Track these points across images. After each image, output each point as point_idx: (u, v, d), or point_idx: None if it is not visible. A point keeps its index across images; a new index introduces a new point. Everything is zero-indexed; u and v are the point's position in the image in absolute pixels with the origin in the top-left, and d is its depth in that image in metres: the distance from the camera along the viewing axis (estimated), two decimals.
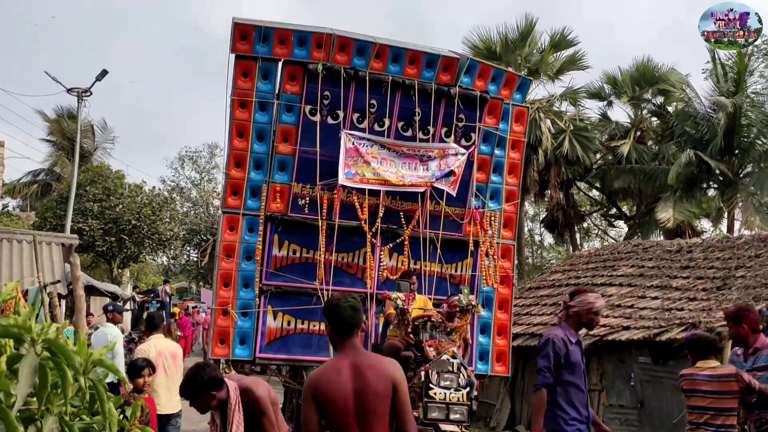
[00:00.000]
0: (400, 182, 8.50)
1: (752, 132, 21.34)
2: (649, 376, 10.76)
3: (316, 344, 8.67)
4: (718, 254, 12.66)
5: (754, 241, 12.71)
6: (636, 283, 12.80)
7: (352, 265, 8.90)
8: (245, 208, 8.57)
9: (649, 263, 13.57)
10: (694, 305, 10.93)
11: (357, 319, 3.64)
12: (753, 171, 21.70)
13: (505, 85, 9.18)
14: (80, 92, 24.90)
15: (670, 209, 20.68)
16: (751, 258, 11.93)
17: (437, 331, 7.09)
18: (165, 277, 41.36)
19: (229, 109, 8.52)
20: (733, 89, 21.38)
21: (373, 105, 8.69)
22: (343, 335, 3.61)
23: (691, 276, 12.19)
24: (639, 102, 24.95)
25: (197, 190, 46.50)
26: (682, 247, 13.79)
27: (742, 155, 21.70)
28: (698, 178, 21.72)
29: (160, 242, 31.74)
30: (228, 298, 8.38)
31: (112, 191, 28.25)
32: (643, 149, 24.21)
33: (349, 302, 3.62)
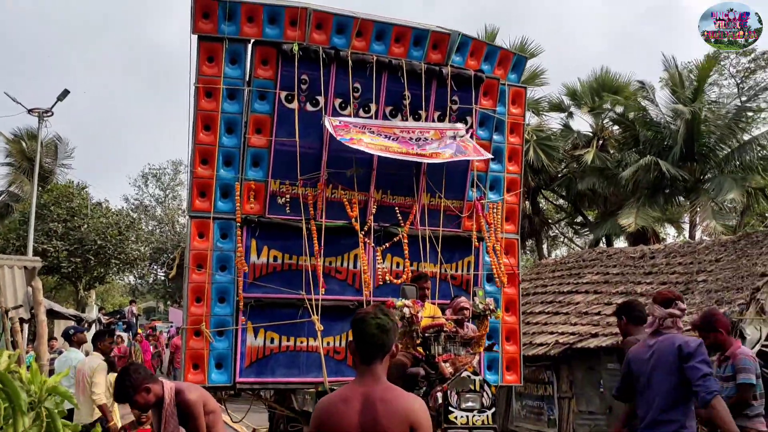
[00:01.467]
0: (403, 149, 7.12)
1: (712, 138, 21.08)
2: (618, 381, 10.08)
3: (304, 363, 7.29)
4: (679, 259, 12.51)
5: (714, 246, 12.57)
6: (602, 290, 12.61)
7: (341, 270, 7.55)
8: (216, 211, 7.18)
9: (614, 270, 13.38)
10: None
11: (383, 342, 2.81)
12: (713, 176, 21.25)
13: (499, 64, 7.97)
14: (41, 112, 23.47)
15: (632, 215, 20.27)
16: (711, 262, 11.77)
17: (452, 342, 5.77)
18: (132, 297, 39.33)
19: (194, 98, 7.14)
20: (691, 97, 21.20)
21: (356, 89, 7.39)
22: (363, 358, 2.84)
23: (655, 282, 12.01)
24: (599, 111, 24.56)
25: (162, 207, 44.44)
26: (645, 253, 13.59)
27: (703, 161, 21.46)
28: (661, 184, 21.34)
29: (126, 262, 30.09)
30: (201, 315, 6.98)
31: (76, 211, 26.66)
32: (606, 157, 23.77)
33: (377, 319, 2.81)
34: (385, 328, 2.79)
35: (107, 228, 27.61)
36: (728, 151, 20.80)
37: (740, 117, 21.31)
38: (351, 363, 7.36)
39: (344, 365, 7.39)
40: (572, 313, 11.94)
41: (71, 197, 27.41)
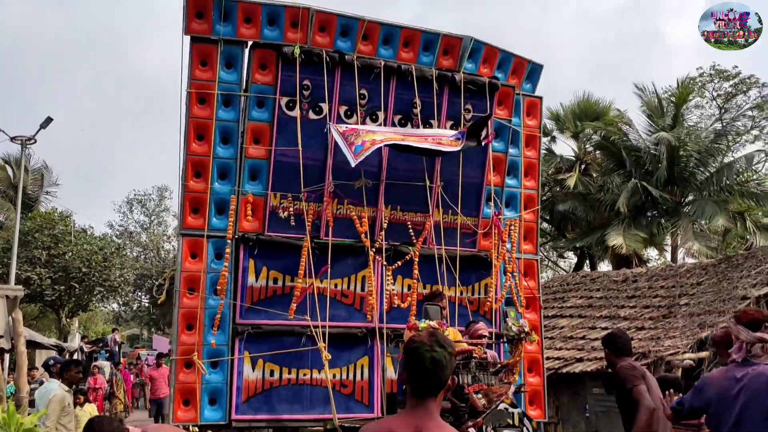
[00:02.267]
0: (420, 138, 6.32)
1: (691, 162, 21.06)
2: (603, 406, 10.45)
3: (307, 398, 6.45)
4: (662, 283, 12.63)
5: (695, 269, 12.72)
6: (586, 314, 12.67)
7: (347, 293, 6.74)
8: (210, 229, 6.38)
9: (597, 294, 13.47)
10: (643, 334, 10.81)
11: (438, 377, 2.49)
12: (695, 199, 21.33)
13: (513, 73, 7.30)
14: (24, 140, 22.76)
15: (620, 236, 20.17)
16: (693, 286, 11.89)
17: (483, 370, 4.97)
18: (115, 324, 38.07)
19: (185, 105, 6.37)
20: (672, 122, 21.20)
21: (363, 95, 6.67)
22: (415, 392, 2.53)
23: (638, 305, 12.12)
24: (582, 136, 24.50)
25: (147, 233, 43.26)
26: (627, 277, 13.74)
27: (683, 185, 21.45)
28: (644, 206, 21.33)
29: (110, 289, 29.13)
30: (192, 344, 6.12)
31: (60, 238, 25.71)
32: (588, 181, 23.77)
33: (433, 352, 2.48)
34: (441, 363, 2.45)
35: (91, 255, 26.78)
36: (708, 174, 20.78)
37: (719, 141, 21.36)
38: (359, 398, 6.55)
39: (353, 400, 6.56)
40: (557, 338, 11.81)
41: (55, 224, 26.48)
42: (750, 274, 11.19)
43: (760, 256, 11.82)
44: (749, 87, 27.33)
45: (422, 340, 2.48)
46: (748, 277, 11.08)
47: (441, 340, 2.47)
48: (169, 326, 38.51)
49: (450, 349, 2.47)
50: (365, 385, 6.65)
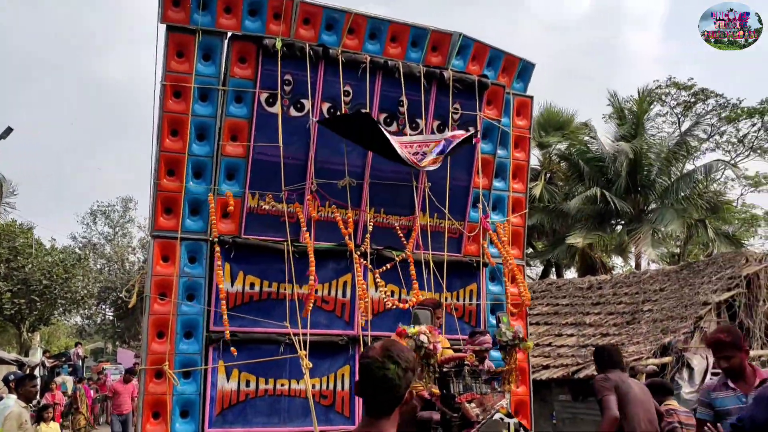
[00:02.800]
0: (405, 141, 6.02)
1: (653, 171, 21.36)
2: (569, 413, 10.62)
3: (285, 410, 6.06)
4: (626, 289, 12.74)
5: (658, 276, 12.86)
6: (552, 322, 12.74)
7: (328, 299, 6.38)
8: (183, 231, 5.98)
9: (563, 301, 13.55)
10: (607, 340, 10.90)
11: (390, 396, 2.27)
12: (656, 207, 21.60)
13: (503, 71, 7.05)
14: None
15: (581, 237, 20.44)
16: (656, 292, 12.01)
17: (475, 379, 4.65)
18: (78, 338, 36.91)
19: (159, 98, 5.97)
20: (633, 132, 21.47)
21: (347, 92, 6.35)
22: (367, 409, 2.33)
23: (603, 312, 12.24)
24: (547, 146, 24.62)
25: (111, 245, 42.18)
26: (592, 284, 13.87)
27: (645, 193, 21.70)
28: (606, 214, 21.50)
29: (73, 302, 28.29)
30: (163, 353, 5.69)
31: (20, 251, 24.90)
32: (553, 190, 23.93)
33: (384, 370, 2.25)
34: (393, 382, 2.24)
35: (53, 267, 25.97)
36: (668, 183, 21.10)
37: (678, 150, 21.63)
38: (339, 409, 6.18)
39: (333, 412, 6.19)
40: None
41: (15, 236, 25.58)
42: (711, 279, 11.35)
43: (720, 262, 11.98)
44: (707, 96, 27.90)
45: (374, 355, 2.28)
46: (709, 283, 11.23)
47: (395, 355, 2.27)
48: (134, 339, 37.54)
49: (405, 364, 2.27)
50: (346, 395, 6.28)
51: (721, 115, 27.93)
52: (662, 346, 9.94)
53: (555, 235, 24.62)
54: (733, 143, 28.60)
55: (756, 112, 26.92)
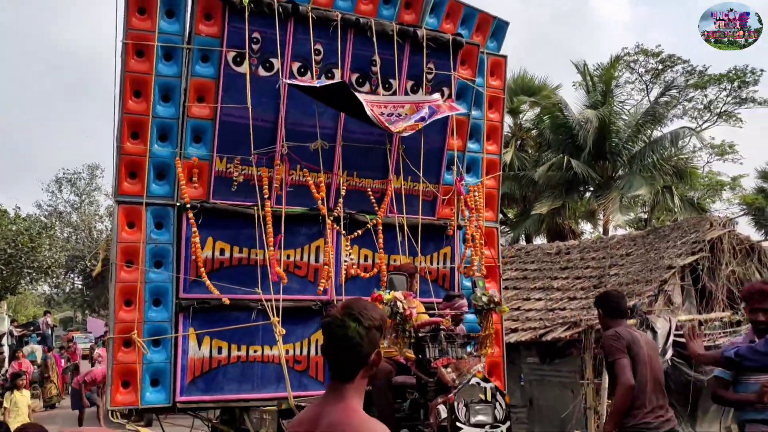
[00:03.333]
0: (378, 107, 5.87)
1: (622, 138, 21.44)
2: (536, 375, 10.79)
3: (258, 377, 5.97)
4: (593, 254, 12.86)
5: (625, 241, 13.00)
6: (521, 286, 12.80)
7: (300, 264, 6.26)
8: (149, 195, 5.78)
9: (532, 266, 13.61)
10: (575, 304, 10.99)
11: (350, 356, 2.08)
12: (624, 174, 21.74)
13: (477, 30, 6.89)
14: None
15: (546, 206, 20.67)
16: (623, 257, 12.16)
17: (451, 344, 4.58)
18: (47, 307, 36.41)
19: (121, 57, 5.70)
20: (601, 99, 21.47)
21: (318, 51, 6.14)
22: (331, 373, 2.18)
23: (570, 276, 12.33)
24: (517, 113, 24.56)
25: (78, 213, 41.40)
26: (560, 249, 13.93)
27: (614, 160, 21.81)
28: (574, 182, 21.52)
29: (40, 271, 27.73)
30: (131, 321, 5.53)
31: None
32: (524, 157, 23.90)
33: (344, 329, 2.07)
34: (353, 341, 2.05)
35: (17, 236, 25.25)
36: (636, 150, 21.22)
37: (647, 117, 21.73)
38: (313, 374, 6.11)
39: (306, 377, 6.12)
40: None
41: None
42: (676, 244, 11.48)
43: (685, 227, 12.15)
44: (675, 63, 28.05)
45: (334, 313, 2.10)
46: (674, 248, 11.37)
47: (357, 312, 2.07)
48: (104, 308, 37.16)
49: (368, 322, 2.06)
50: (320, 360, 6.20)
51: (689, 82, 28.13)
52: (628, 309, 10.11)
53: (525, 203, 24.77)
54: (699, 110, 28.88)
55: (724, 78, 27.12)
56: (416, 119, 5.91)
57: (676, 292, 10.79)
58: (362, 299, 2.24)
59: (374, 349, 2.07)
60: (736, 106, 28.18)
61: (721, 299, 10.88)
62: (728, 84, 27.46)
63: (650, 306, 10.23)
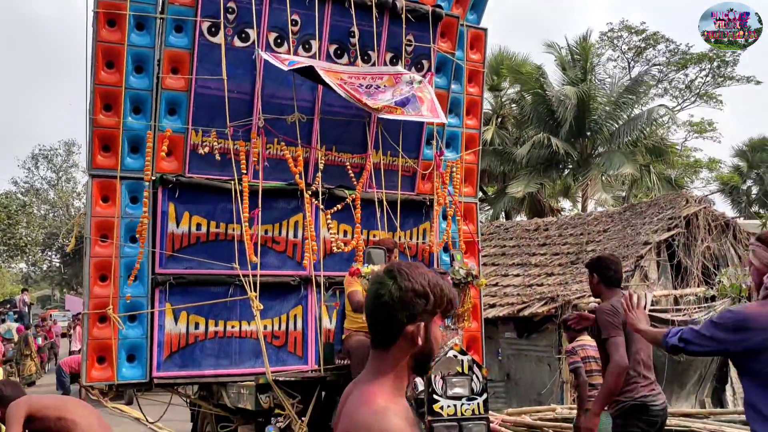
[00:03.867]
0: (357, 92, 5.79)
1: (602, 115, 21.44)
2: (514, 350, 10.94)
3: (236, 352, 5.91)
4: (571, 231, 12.97)
5: (603, 218, 13.13)
6: (499, 262, 12.93)
7: (279, 240, 6.19)
8: (123, 169, 5.66)
9: (510, 242, 13.80)
10: (552, 280, 11.13)
11: (380, 320, 1.77)
12: (604, 151, 21.86)
13: (457, 2, 6.79)
14: None
15: (522, 185, 20.70)
16: (600, 233, 12.29)
17: None
18: (24, 285, 36.00)
19: (93, 27, 5.55)
20: (581, 76, 21.45)
21: (295, 22, 6.02)
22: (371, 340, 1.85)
23: (548, 253, 12.48)
24: (498, 90, 24.53)
25: (55, 191, 40.88)
26: (539, 225, 14.06)
27: (593, 137, 21.82)
28: (554, 159, 21.59)
29: (16, 248, 27.42)
30: (107, 297, 5.45)
31: None
32: (504, 134, 23.87)
33: (380, 286, 1.78)
34: (381, 299, 1.75)
35: None
36: (615, 128, 21.24)
37: (627, 94, 21.79)
38: (292, 349, 6.07)
39: (285, 352, 6.07)
40: None
41: None
42: (652, 221, 11.66)
43: (662, 203, 12.31)
44: (657, 41, 28.05)
45: (378, 273, 1.84)
46: (651, 224, 11.55)
47: (397, 271, 1.79)
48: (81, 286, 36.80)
49: (405, 283, 1.75)
50: (299, 335, 6.17)
51: (670, 60, 28.16)
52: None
53: (505, 180, 24.79)
54: (680, 89, 28.96)
55: (705, 57, 27.19)
56: (397, 101, 5.85)
57: (651, 268, 10.94)
58: (422, 265, 1.88)
59: (412, 318, 1.75)
60: (717, 86, 28.33)
61: (696, 275, 11.04)
62: (708, 64, 27.55)
63: (626, 281, 10.34)
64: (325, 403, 5.68)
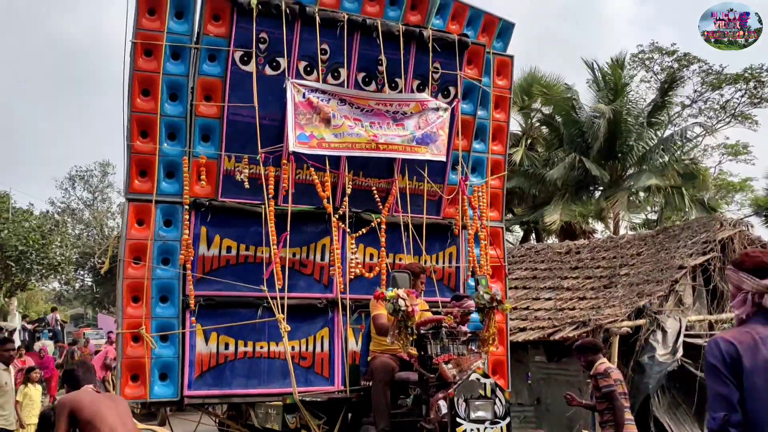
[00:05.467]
0: (372, 143, 6.02)
1: (631, 137, 21.22)
2: (544, 374, 10.80)
3: (265, 372, 6.06)
4: (603, 254, 12.84)
5: (635, 240, 12.97)
6: (530, 286, 12.79)
7: (306, 263, 6.35)
8: (159, 193, 5.89)
9: (542, 265, 13.57)
10: (584, 304, 11.00)
11: None
12: (633, 173, 21.60)
13: (483, 30, 6.95)
14: None
15: (557, 212, 20.44)
16: (633, 256, 12.13)
17: (453, 340, 4.65)
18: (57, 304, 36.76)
19: (130, 56, 5.81)
20: (612, 97, 21.29)
21: (324, 51, 6.22)
22: None
23: (580, 276, 12.32)
24: (528, 111, 24.42)
25: (90, 210, 41.73)
26: (571, 248, 13.88)
27: (624, 159, 21.63)
28: (585, 181, 21.51)
29: (50, 268, 27.98)
30: (140, 317, 5.65)
31: None
32: (534, 156, 23.66)
33: None
34: None
35: (29, 233, 25.49)
36: (646, 149, 21.02)
37: (658, 115, 21.59)
38: (319, 370, 6.19)
39: (312, 373, 6.20)
40: None
41: None
42: (686, 244, 11.47)
43: (695, 226, 12.11)
44: (690, 62, 27.83)
45: None
46: (685, 247, 11.37)
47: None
48: (113, 305, 37.39)
49: None
50: (325, 357, 6.30)
51: (704, 81, 27.91)
52: (637, 309, 10.13)
53: (535, 201, 24.71)
54: (715, 110, 28.64)
55: (740, 78, 26.90)
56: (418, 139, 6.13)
57: (686, 293, 10.79)
58: None
59: None
60: (752, 106, 27.97)
61: None
62: (744, 84, 27.23)
63: (661, 306, 10.23)
64: (350, 424, 5.78)
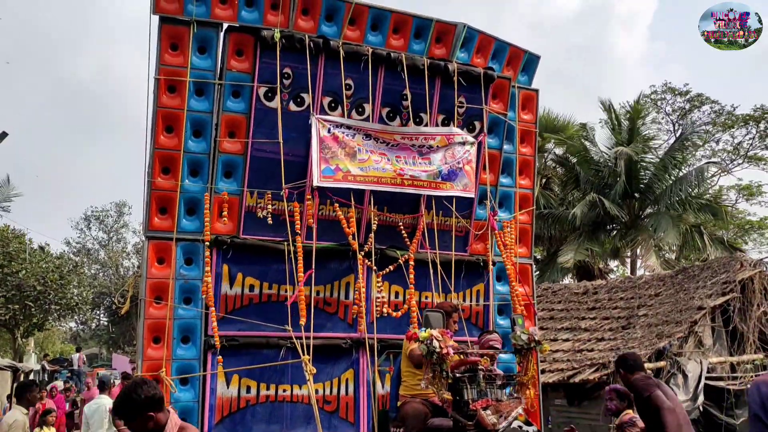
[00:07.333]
0: (398, 178, 5.84)
1: (648, 176, 21.24)
2: (564, 417, 10.60)
3: (288, 417, 5.78)
4: (621, 294, 12.74)
5: (653, 281, 12.85)
6: (547, 326, 12.71)
7: (330, 301, 6.11)
8: (179, 231, 5.70)
9: (559, 306, 13.54)
10: (603, 345, 10.92)
11: None
12: (652, 213, 21.50)
13: (508, 64, 6.81)
14: None
15: (571, 251, 20.28)
16: (651, 297, 12.03)
17: (490, 384, 4.38)
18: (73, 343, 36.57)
19: (153, 93, 5.69)
20: (627, 137, 21.30)
21: (349, 86, 6.09)
22: None
23: (598, 317, 12.23)
24: (542, 152, 24.39)
25: (105, 251, 41.81)
26: (588, 289, 13.84)
27: (641, 198, 21.56)
28: (602, 220, 21.34)
29: (67, 308, 27.99)
30: (160, 358, 5.41)
31: (14, 256, 24.58)
32: (549, 195, 23.69)
33: None
34: None
35: (47, 273, 25.58)
36: (663, 188, 20.86)
37: (674, 155, 21.45)
38: (344, 415, 5.91)
39: (337, 418, 5.91)
40: None
41: (8, 242, 25.22)
42: (706, 284, 11.30)
43: (715, 266, 11.93)
44: (702, 103, 27.74)
45: None
46: (704, 288, 11.19)
47: None
48: (128, 344, 37.16)
49: None
50: (350, 401, 6.01)
51: (716, 121, 27.78)
52: (657, 351, 9.86)
53: (551, 243, 24.44)
54: (728, 151, 28.42)
55: (751, 119, 26.73)
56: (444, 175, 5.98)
57: (706, 334, 10.53)
58: None
59: None
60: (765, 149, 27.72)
61: (752, 341, 10.59)
62: (755, 125, 27.06)
63: (680, 348, 9.97)
64: None
